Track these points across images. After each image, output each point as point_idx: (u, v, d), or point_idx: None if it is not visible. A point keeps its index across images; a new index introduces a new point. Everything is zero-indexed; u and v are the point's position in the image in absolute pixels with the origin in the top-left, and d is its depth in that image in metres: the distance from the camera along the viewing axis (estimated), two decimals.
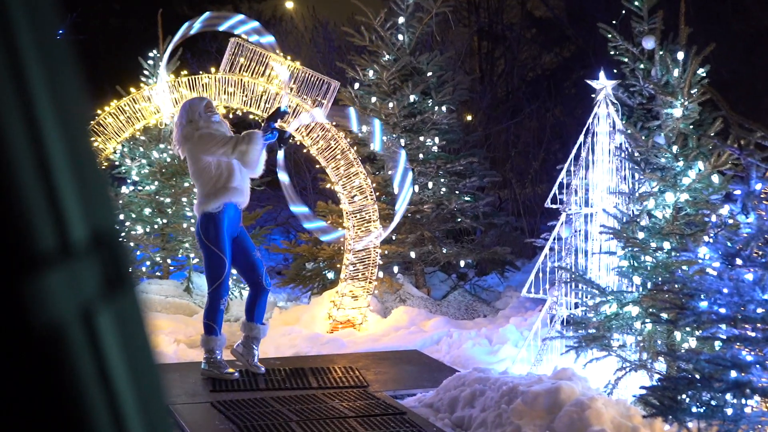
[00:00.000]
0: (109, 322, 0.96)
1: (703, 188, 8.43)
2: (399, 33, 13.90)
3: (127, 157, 13.69)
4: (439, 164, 13.81)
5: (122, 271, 0.99)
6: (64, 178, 0.93)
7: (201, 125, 9.11)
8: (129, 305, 1.01)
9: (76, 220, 0.94)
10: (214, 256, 9.09)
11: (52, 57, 0.96)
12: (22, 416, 0.92)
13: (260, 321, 9.58)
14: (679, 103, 8.63)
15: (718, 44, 9.30)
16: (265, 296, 9.58)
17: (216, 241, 9.08)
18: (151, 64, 13.48)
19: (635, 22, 9.54)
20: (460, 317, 13.04)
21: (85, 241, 0.94)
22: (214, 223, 9.08)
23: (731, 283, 6.19)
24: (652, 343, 8.35)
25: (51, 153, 0.92)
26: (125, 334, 0.98)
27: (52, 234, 0.91)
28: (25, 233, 0.90)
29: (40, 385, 0.91)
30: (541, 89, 23.28)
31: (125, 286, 1.00)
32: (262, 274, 9.46)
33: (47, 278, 0.90)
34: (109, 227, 0.98)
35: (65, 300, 0.91)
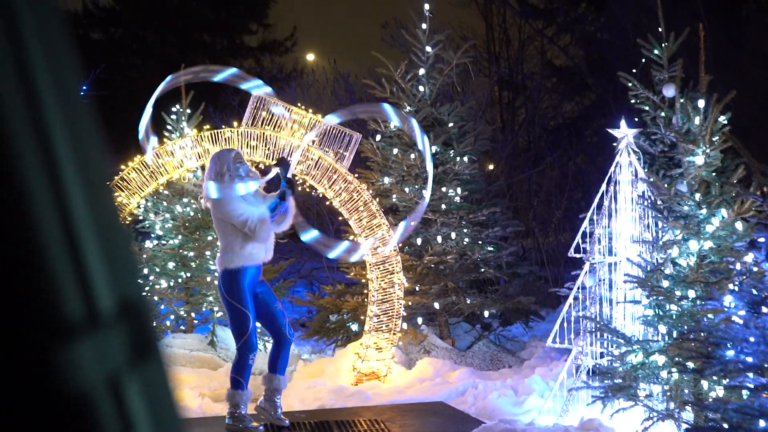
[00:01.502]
0: (136, 389, 0.97)
1: (727, 236, 8.40)
2: (420, 84, 13.97)
3: (150, 212, 13.75)
4: (461, 214, 13.81)
5: (149, 338, 1.00)
6: (90, 247, 0.94)
7: (226, 180, 9.12)
8: (156, 372, 1.01)
9: (103, 288, 0.94)
10: (237, 311, 9.10)
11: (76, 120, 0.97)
12: None
13: (282, 372, 9.56)
14: (700, 151, 8.62)
15: (738, 92, 9.29)
16: (288, 347, 9.56)
17: (238, 298, 9.09)
18: (173, 119, 13.57)
19: (655, 71, 9.57)
20: (485, 368, 12.98)
21: (112, 309, 0.95)
22: (235, 280, 9.09)
23: (757, 331, 6.15)
24: (679, 393, 8.28)
25: (77, 222, 0.93)
26: (152, 401, 0.99)
27: (79, 303, 0.92)
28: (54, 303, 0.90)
29: None
30: (563, 138, 23.33)
31: (152, 353, 1.00)
32: (285, 325, 9.45)
33: (75, 347, 0.91)
34: (135, 295, 0.99)
35: (93, 369, 0.92)
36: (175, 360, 12.84)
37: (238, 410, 9.35)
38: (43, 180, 0.92)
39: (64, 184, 0.93)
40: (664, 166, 9.63)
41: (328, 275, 19.92)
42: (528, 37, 28.45)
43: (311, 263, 22.06)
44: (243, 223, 8.96)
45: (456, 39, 22.01)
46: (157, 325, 13.62)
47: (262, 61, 42.37)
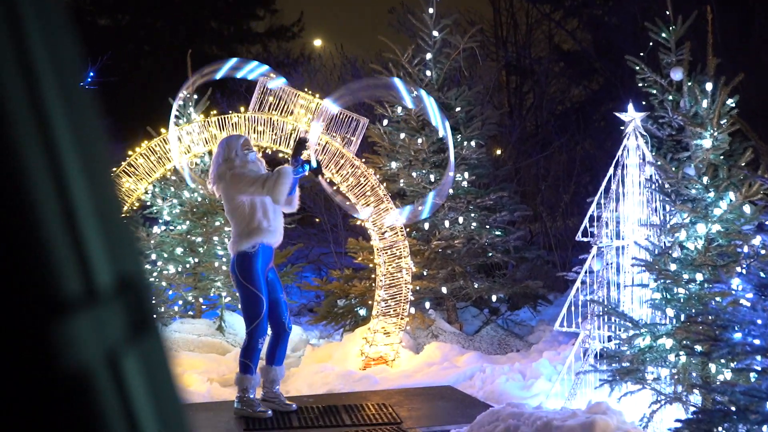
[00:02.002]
0: (135, 365, 0.97)
1: (734, 219, 8.38)
2: (427, 69, 13.95)
3: (158, 197, 13.78)
4: (469, 199, 13.80)
5: (147, 314, 1.00)
6: (89, 223, 0.94)
7: (236, 164, 9.13)
8: (154, 348, 1.01)
9: (101, 264, 0.95)
10: (251, 294, 9.10)
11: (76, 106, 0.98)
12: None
13: (279, 363, 9.57)
14: (708, 134, 8.60)
15: (746, 74, 9.27)
16: (286, 339, 9.56)
17: (252, 280, 9.11)
18: (181, 105, 13.58)
19: (663, 54, 9.55)
20: (492, 352, 12.99)
21: (110, 285, 0.96)
22: (249, 262, 9.10)
23: (765, 314, 6.15)
24: (687, 376, 8.28)
25: (76, 199, 0.93)
26: (151, 377, 0.99)
27: (77, 279, 0.93)
28: (52, 278, 0.91)
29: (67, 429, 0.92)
30: (570, 122, 23.30)
31: (150, 329, 1.01)
32: (285, 317, 9.46)
33: (74, 323, 0.91)
34: (133, 271, 0.99)
35: (91, 344, 0.92)
36: (184, 345, 12.89)
37: (246, 394, 9.38)
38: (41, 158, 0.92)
39: (63, 161, 0.94)
40: (672, 149, 9.62)
41: (335, 260, 19.95)
42: (535, 21, 28.38)
43: (319, 248, 22.11)
44: (260, 181, 8.97)
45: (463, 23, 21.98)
46: (166, 310, 13.66)
47: (270, 46, 42.32)
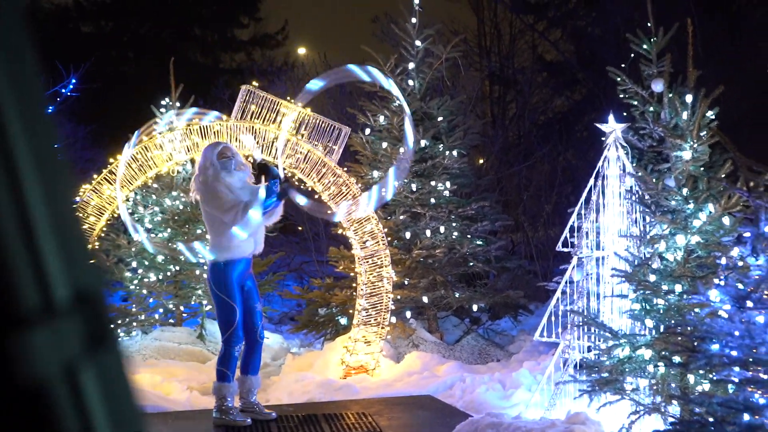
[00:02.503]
0: (92, 378, 0.97)
1: (714, 230, 8.42)
2: (409, 78, 13.98)
3: (140, 205, 13.77)
4: (450, 209, 13.82)
5: (105, 327, 1.00)
6: (46, 238, 0.94)
7: (209, 174, 9.08)
8: (112, 361, 1.02)
9: (59, 279, 0.95)
10: (225, 304, 9.08)
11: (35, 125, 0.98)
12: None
13: (255, 373, 9.56)
14: (688, 146, 8.63)
15: (729, 86, 9.31)
16: (258, 348, 9.54)
17: (225, 290, 9.09)
18: (163, 112, 13.57)
19: (644, 66, 9.58)
20: (473, 362, 13.00)
21: (68, 299, 0.96)
22: (223, 273, 9.07)
23: (742, 325, 6.17)
24: (666, 387, 8.31)
25: (34, 214, 0.94)
26: (109, 390, 1.00)
27: (35, 293, 0.93)
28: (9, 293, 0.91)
29: None
30: (553, 132, 23.36)
31: (108, 343, 1.01)
32: (259, 326, 9.44)
33: (31, 336, 0.91)
34: (91, 285, 1.00)
35: (49, 357, 0.92)
36: (164, 353, 12.86)
37: (225, 403, 9.35)
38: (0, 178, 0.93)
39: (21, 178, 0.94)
40: (653, 160, 9.65)
41: (317, 269, 19.94)
42: (519, 31, 28.44)
43: (300, 257, 22.11)
44: (231, 216, 8.94)
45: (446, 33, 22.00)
46: (146, 317, 13.63)
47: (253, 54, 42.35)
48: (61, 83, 20.95)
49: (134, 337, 13.38)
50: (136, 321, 13.49)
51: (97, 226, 11.94)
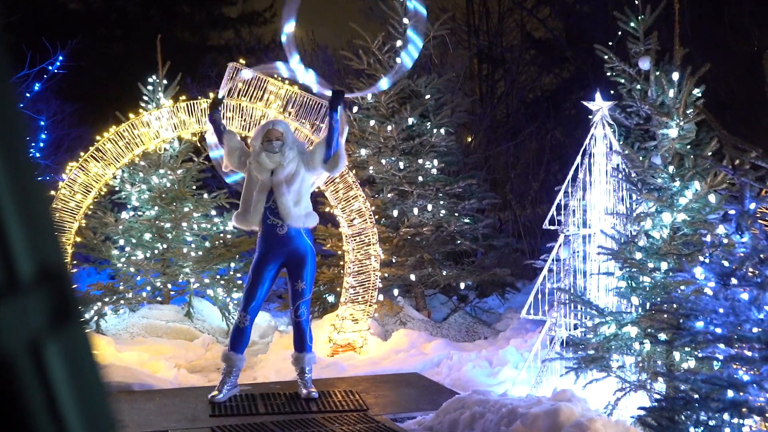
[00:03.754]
0: (57, 353, 0.97)
1: (700, 208, 8.44)
2: (397, 56, 13.94)
3: (127, 183, 13.73)
4: (438, 186, 13.82)
5: (70, 304, 1.00)
6: (9, 214, 0.94)
7: (253, 152, 9.50)
8: (77, 337, 1.02)
9: (23, 254, 0.95)
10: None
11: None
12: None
13: (304, 350, 9.62)
14: (674, 124, 8.64)
15: (715, 65, 9.32)
16: (297, 328, 9.62)
17: (254, 258, 9.55)
18: (150, 90, 13.53)
19: (631, 44, 9.57)
20: (460, 339, 13.02)
21: (32, 275, 0.96)
22: (257, 241, 9.58)
23: (727, 302, 6.19)
24: (651, 364, 8.34)
25: None
26: (73, 365, 0.99)
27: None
28: None
29: None
30: (541, 110, 23.35)
31: (73, 319, 1.01)
32: (293, 305, 9.55)
33: None
34: (56, 261, 0.99)
35: (13, 333, 0.92)
36: (152, 331, 12.86)
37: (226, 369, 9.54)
38: None
39: None
40: (639, 138, 9.65)
41: None
42: (507, 9, 28.38)
43: None
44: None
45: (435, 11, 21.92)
46: (134, 295, 13.61)
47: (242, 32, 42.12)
48: (48, 60, 20.86)
49: (122, 315, 13.37)
50: (124, 299, 13.47)
51: (84, 204, 11.91)
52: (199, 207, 13.94)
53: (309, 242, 9.46)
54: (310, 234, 9.55)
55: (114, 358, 11.07)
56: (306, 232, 9.45)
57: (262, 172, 9.29)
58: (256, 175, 9.31)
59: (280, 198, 9.26)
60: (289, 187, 9.28)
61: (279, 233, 9.31)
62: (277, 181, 9.25)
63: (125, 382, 10.01)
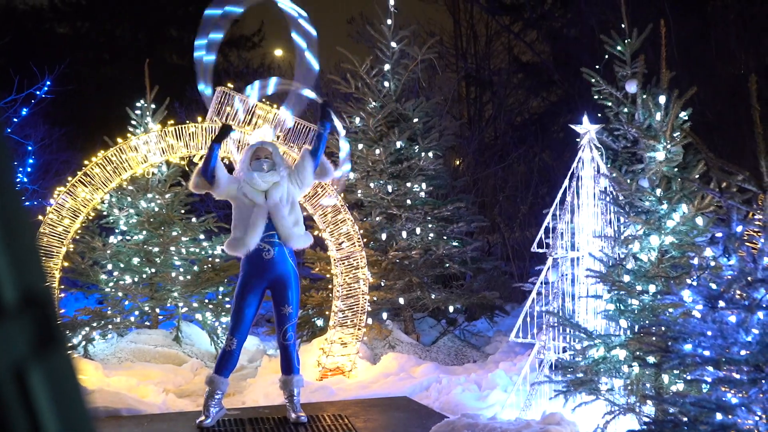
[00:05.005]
0: (41, 379, 0.97)
1: (687, 231, 8.45)
2: (385, 80, 13.98)
3: (115, 207, 13.71)
4: (426, 210, 13.83)
5: (54, 330, 1.00)
6: None
7: (241, 174, 9.44)
8: (61, 362, 1.01)
9: (7, 281, 0.95)
10: None
11: None
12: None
13: (292, 372, 9.57)
14: (661, 147, 8.66)
15: (702, 87, 9.37)
16: (284, 352, 9.57)
17: (238, 281, 9.48)
18: (138, 114, 13.54)
19: (618, 67, 9.61)
20: (449, 363, 13.01)
21: (16, 301, 0.96)
22: (241, 264, 9.51)
23: (715, 325, 6.19)
24: (640, 387, 8.33)
25: None
26: (58, 391, 0.99)
27: None
28: None
29: None
30: (529, 133, 23.42)
31: (57, 345, 1.01)
32: (280, 329, 9.51)
33: None
34: (39, 288, 0.99)
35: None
36: (140, 355, 12.82)
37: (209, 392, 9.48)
38: None
39: None
40: (627, 161, 9.68)
41: None
42: (495, 33, 28.53)
43: None
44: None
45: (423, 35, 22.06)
46: (122, 320, 13.57)
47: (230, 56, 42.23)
48: (36, 85, 20.85)
49: (110, 340, 13.33)
50: (112, 324, 13.44)
51: (71, 229, 11.89)
52: (187, 231, 13.93)
53: (293, 265, 9.43)
54: (294, 256, 9.52)
55: (102, 383, 11.03)
56: (290, 254, 9.42)
57: (257, 195, 9.25)
58: (251, 199, 9.26)
59: (280, 221, 9.24)
60: (286, 208, 9.27)
61: (265, 257, 9.28)
62: (273, 203, 9.22)
63: (113, 407, 9.97)
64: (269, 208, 9.23)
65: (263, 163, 9.27)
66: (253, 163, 9.28)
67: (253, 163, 9.28)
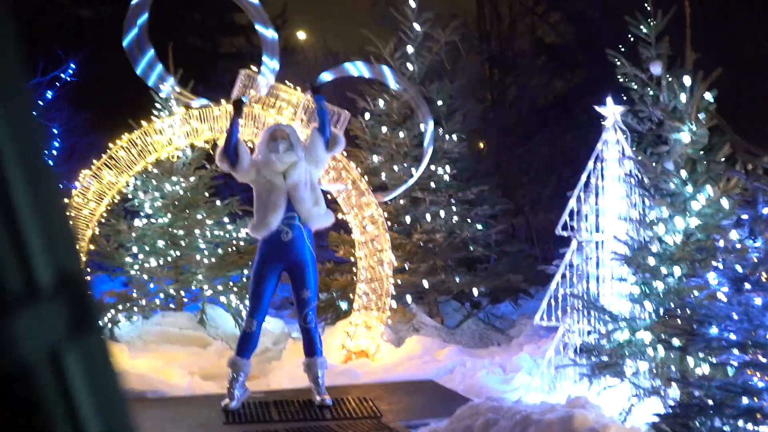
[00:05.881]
0: (76, 361, 0.98)
1: (712, 213, 8.41)
2: (409, 62, 13.95)
3: (139, 190, 13.73)
4: (450, 193, 13.82)
5: (88, 311, 1.00)
6: (28, 221, 0.94)
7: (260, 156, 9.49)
8: (96, 344, 1.02)
9: (42, 262, 0.95)
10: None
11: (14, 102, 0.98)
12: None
13: (315, 354, 9.60)
14: (686, 128, 8.62)
15: (727, 69, 9.28)
16: (306, 334, 9.61)
17: (254, 262, 9.54)
18: (162, 97, 13.54)
19: (643, 48, 9.55)
20: (473, 346, 13.01)
21: (51, 283, 0.96)
22: (259, 245, 9.54)
23: (740, 308, 6.17)
24: (665, 370, 8.31)
25: (15, 197, 0.94)
26: (93, 373, 1.00)
27: (18, 277, 0.93)
28: None
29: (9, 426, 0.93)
30: (552, 116, 23.32)
31: (92, 326, 1.01)
32: (300, 313, 9.54)
33: (14, 320, 0.91)
34: (74, 269, 1.00)
35: (32, 341, 0.93)
36: (165, 338, 12.86)
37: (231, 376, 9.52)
38: None
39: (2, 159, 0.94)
40: (652, 143, 9.63)
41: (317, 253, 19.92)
42: (518, 14, 28.42)
43: None
44: None
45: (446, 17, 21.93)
46: (147, 302, 13.61)
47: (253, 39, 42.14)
48: (60, 68, 20.91)
49: (135, 323, 13.37)
50: (137, 306, 13.48)
51: (97, 212, 11.94)
52: (211, 214, 13.95)
53: (310, 248, 9.44)
54: (312, 239, 9.52)
55: (127, 366, 11.08)
56: (309, 237, 9.43)
57: (275, 177, 9.26)
58: (270, 180, 9.28)
59: (300, 203, 9.26)
60: (306, 188, 9.28)
61: (283, 239, 9.30)
62: (293, 184, 9.24)
63: (139, 390, 10.02)
64: (288, 188, 9.25)
65: (280, 144, 9.28)
66: (271, 145, 9.29)
67: (270, 144, 9.30)
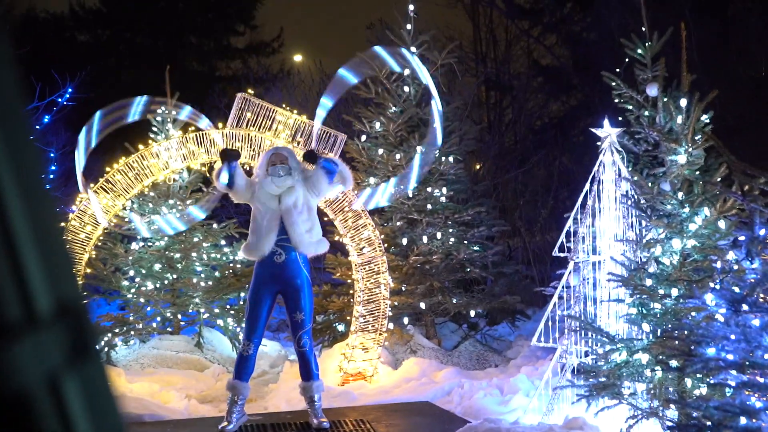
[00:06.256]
0: (75, 388, 0.98)
1: (709, 234, 8.42)
2: (405, 85, 13.98)
3: (136, 214, 13.73)
4: (447, 214, 13.83)
5: (87, 338, 1.01)
6: (28, 250, 0.95)
7: (258, 179, 9.47)
8: (95, 371, 1.02)
9: (41, 290, 0.96)
10: None
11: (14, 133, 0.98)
12: None
13: (311, 378, 9.57)
14: (683, 150, 8.64)
15: (723, 90, 9.32)
16: (301, 358, 9.57)
17: (251, 285, 9.50)
18: (159, 120, 13.56)
19: (639, 70, 9.58)
20: (471, 367, 12.99)
21: (50, 310, 0.96)
22: (254, 269, 9.51)
23: (738, 329, 6.17)
24: (663, 391, 8.31)
25: (15, 225, 0.94)
26: (92, 400, 1.00)
27: (17, 305, 0.93)
28: None
29: None
30: (549, 137, 23.38)
31: (91, 353, 1.02)
32: (295, 336, 9.51)
33: (14, 348, 0.92)
34: (73, 296, 1.00)
35: (32, 369, 0.93)
36: (162, 361, 12.84)
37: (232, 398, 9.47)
38: None
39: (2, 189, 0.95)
40: (648, 165, 9.65)
41: (314, 276, 19.92)
42: (514, 37, 28.51)
43: None
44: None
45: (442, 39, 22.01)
46: (144, 326, 13.60)
47: (249, 62, 42.33)
48: (58, 92, 20.93)
49: (132, 346, 13.36)
50: (134, 330, 13.47)
51: (93, 235, 11.94)
52: (208, 237, 13.95)
53: (305, 271, 9.43)
54: (307, 262, 9.51)
55: (125, 389, 11.06)
56: (303, 259, 9.42)
57: (271, 200, 9.28)
58: (265, 203, 9.30)
59: (291, 226, 9.25)
60: (300, 214, 9.28)
61: (276, 261, 9.30)
62: (286, 208, 9.24)
63: (136, 413, 10.00)
64: (282, 212, 9.26)
65: (279, 169, 9.29)
66: (270, 169, 9.30)
67: (269, 168, 9.31)
